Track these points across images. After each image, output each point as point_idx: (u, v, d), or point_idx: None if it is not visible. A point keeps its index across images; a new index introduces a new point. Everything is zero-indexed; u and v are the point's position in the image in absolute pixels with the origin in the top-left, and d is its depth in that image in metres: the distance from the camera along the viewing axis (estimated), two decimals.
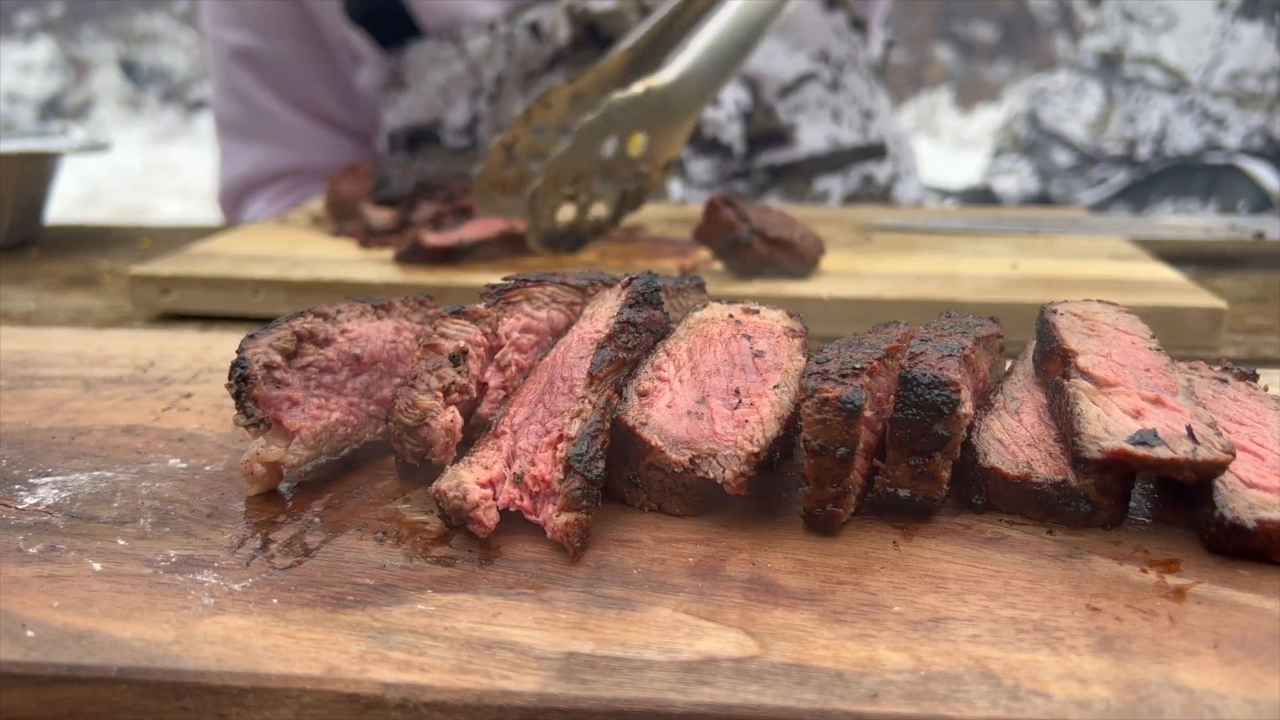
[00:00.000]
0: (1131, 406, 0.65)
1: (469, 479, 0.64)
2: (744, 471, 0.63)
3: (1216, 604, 0.56)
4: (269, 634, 0.54)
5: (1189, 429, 0.62)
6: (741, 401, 0.68)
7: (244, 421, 0.69)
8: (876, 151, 2.07)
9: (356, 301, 0.79)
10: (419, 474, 0.72)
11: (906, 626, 0.54)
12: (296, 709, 0.51)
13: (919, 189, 2.24)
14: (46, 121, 7.77)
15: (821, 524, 0.64)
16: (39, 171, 1.65)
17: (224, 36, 2.04)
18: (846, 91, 2.00)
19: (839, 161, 2.02)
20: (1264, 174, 3.79)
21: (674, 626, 0.54)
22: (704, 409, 0.68)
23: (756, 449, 0.64)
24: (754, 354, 0.73)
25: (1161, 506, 0.67)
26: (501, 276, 0.79)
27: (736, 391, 0.69)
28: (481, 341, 0.74)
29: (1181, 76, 3.98)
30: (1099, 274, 1.26)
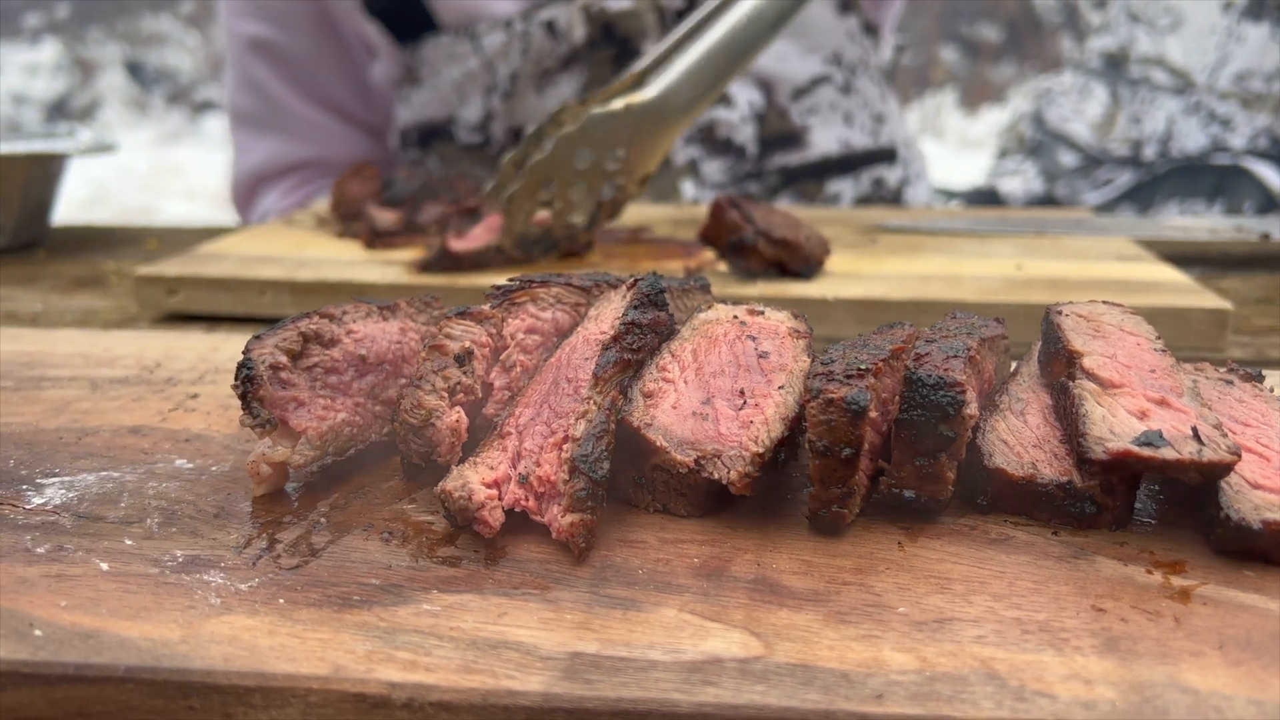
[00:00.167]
0: (1137, 408, 0.65)
1: (474, 479, 0.64)
2: (749, 472, 0.63)
3: (1222, 605, 0.56)
4: (275, 634, 0.54)
5: (1194, 430, 0.62)
6: (746, 402, 0.68)
7: (250, 422, 0.69)
8: (887, 155, 2.07)
9: (362, 302, 0.80)
10: (424, 474, 0.72)
11: (911, 627, 0.54)
12: (303, 708, 0.51)
13: (929, 193, 2.24)
14: (53, 123, 7.80)
15: (826, 525, 0.64)
16: (46, 173, 1.65)
17: (240, 28, 2.05)
18: (858, 95, 2.01)
19: (850, 164, 2.02)
20: (1270, 175, 3.78)
21: (679, 627, 0.55)
22: (709, 410, 0.68)
23: (761, 450, 0.64)
24: (759, 355, 0.73)
25: (1167, 508, 0.67)
26: (507, 278, 0.80)
27: (741, 392, 0.69)
28: (487, 342, 0.74)
29: (1187, 77, 3.97)
30: (1104, 275, 1.26)
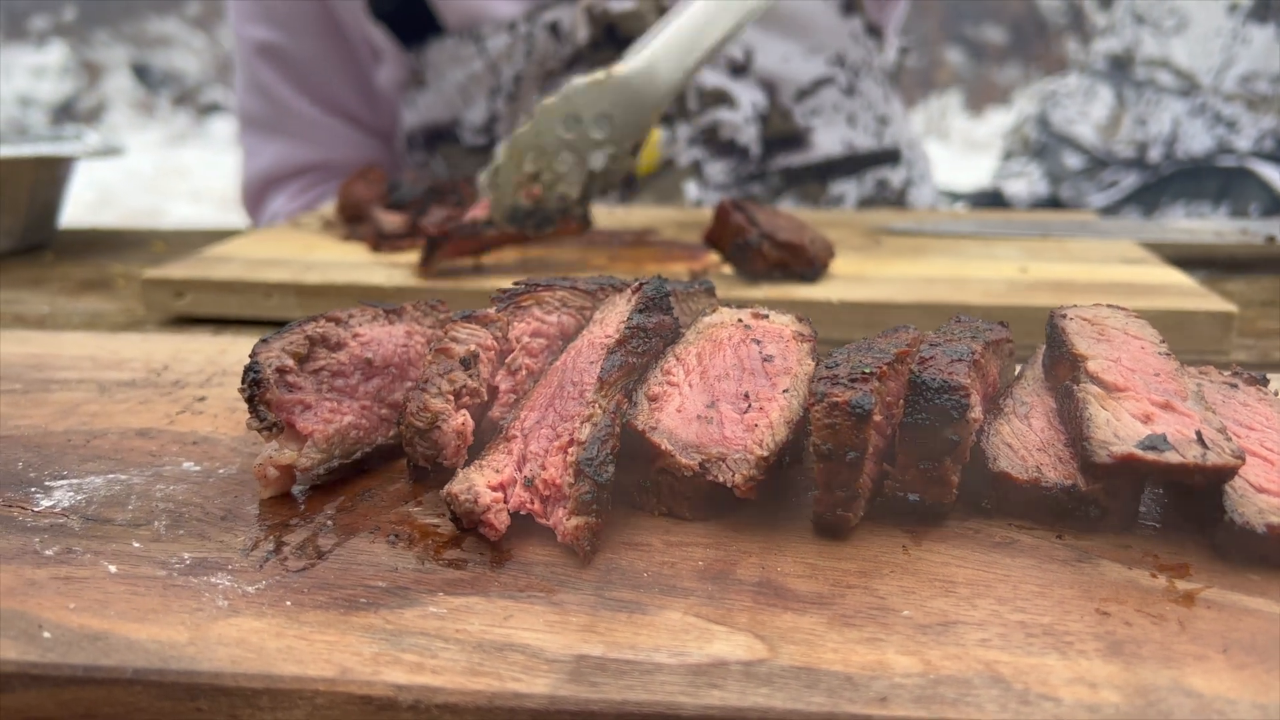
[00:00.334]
0: (1141, 411, 0.65)
1: (480, 482, 0.65)
2: (753, 475, 0.63)
3: (1226, 609, 0.56)
4: (282, 636, 0.54)
5: (1198, 434, 0.62)
6: (751, 406, 0.69)
7: (257, 425, 0.70)
8: (891, 156, 2.07)
9: (368, 306, 0.80)
10: (431, 477, 0.72)
11: (916, 630, 0.55)
12: (310, 710, 0.51)
13: (933, 194, 2.24)
14: (59, 125, 7.83)
15: (831, 528, 0.64)
16: (53, 175, 1.66)
17: (248, 33, 2.06)
18: (862, 96, 2.01)
19: (854, 165, 2.02)
20: (1276, 177, 3.77)
21: (684, 630, 0.55)
22: (713, 413, 0.68)
23: (766, 453, 0.64)
24: (763, 358, 0.73)
25: (1171, 511, 0.67)
26: (512, 281, 0.80)
27: (746, 396, 0.70)
28: (492, 345, 0.74)
29: (1193, 79, 3.97)
30: (1109, 278, 1.26)
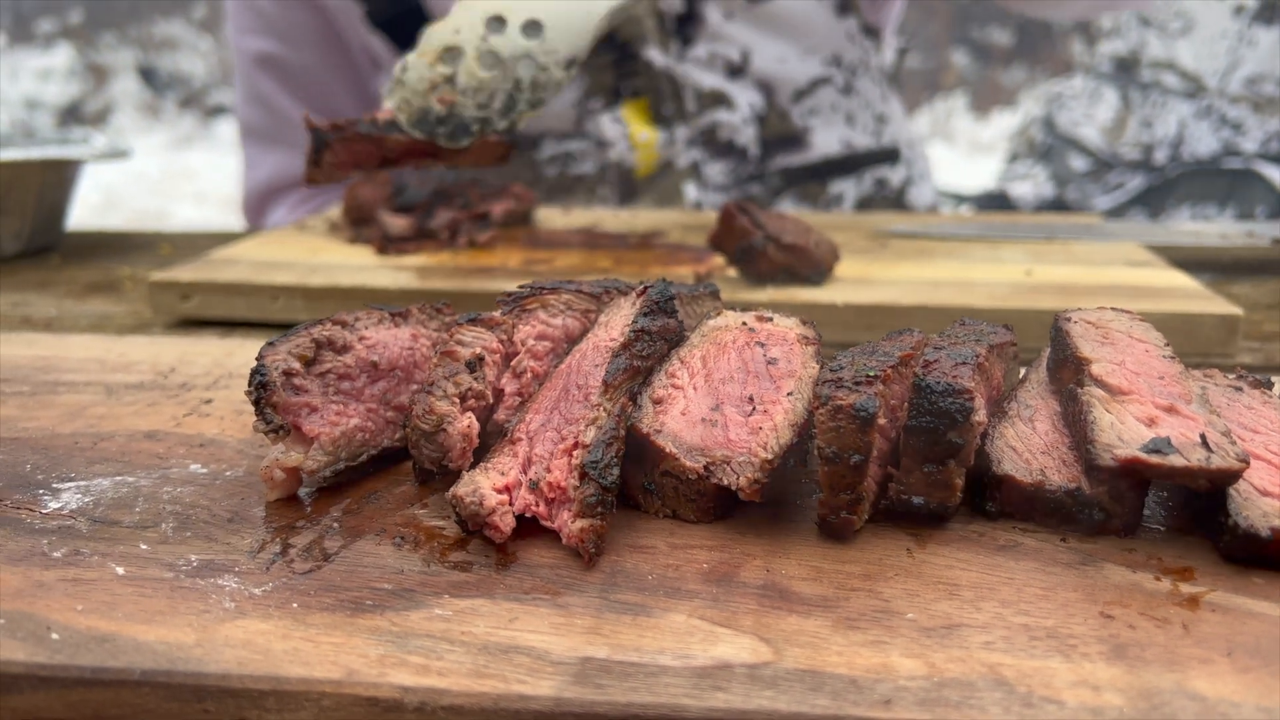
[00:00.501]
0: (1145, 414, 0.65)
1: (485, 485, 0.65)
2: (758, 478, 0.63)
3: (1230, 612, 0.57)
4: (289, 638, 0.55)
5: (1203, 437, 0.62)
6: (755, 408, 0.69)
7: (264, 428, 0.70)
8: (890, 155, 2.08)
9: (374, 309, 0.80)
10: (436, 480, 0.73)
11: (920, 633, 0.55)
12: (316, 712, 0.51)
13: (933, 193, 2.25)
14: (66, 127, 7.85)
15: (835, 531, 0.64)
16: (61, 179, 1.67)
17: (247, 44, 2.06)
18: (859, 96, 2.01)
19: (853, 165, 2.03)
20: None
21: (689, 632, 0.55)
22: (718, 416, 0.69)
23: (770, 456, 0.64)
24: (768, 361, 0.73)
25: (1175, 514, 0.67)
26: (518, 284, 0.80)
27: (750, 399, 0.70)
28: (498, 348, 0.75)
29: (1198, 81, 3.96)
30: (1114, 280, 1.25)
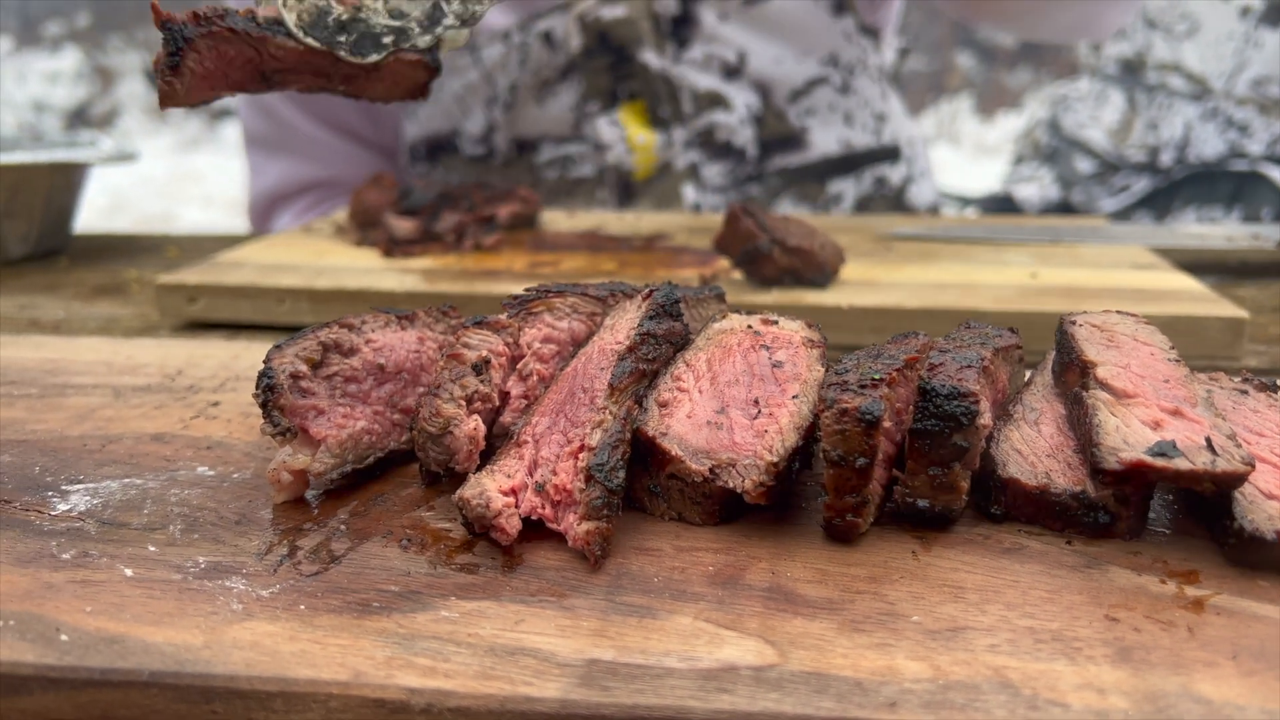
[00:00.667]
0: (1150, 418, 0.65)
1: (492, 487, 0.65)
2: (763, 481, 0.63)
3: (1235, 615, 0.57)
4: (296, 639, 0.55)
5: (1208, 440, 0.62)
6: (761, 412, 0.69)
7: (271, 430, 0.70)
8: (890, 154, 2.08)
9: (381, 312, 0.80)
10: (443, 482, 0.73)
11: (925, 636, 0.55)
12: (323, 713, 0.52)
13: (933, 191, 2.24)
14: (73, 130, 7.87)
15: (841, 533, 0.65)
16: (68, 182, 1.67)
17: None
18: (857, 95, 2.01)
19: (852, 164, 2.03)
20: None
21: (694, 634, 0.55)
22: (723, 419, 0.69)
23: (776, 459, 0.64)
24: (773, 364, 0.73)
25: (1181, 517, 0.68)
26: (524, 287, 0.80)
27: (756, 402, 0.70)
28: (504, 351, 0.75)
29: (1204, 83, 3.95)
30: (1120, 283, 1.25)
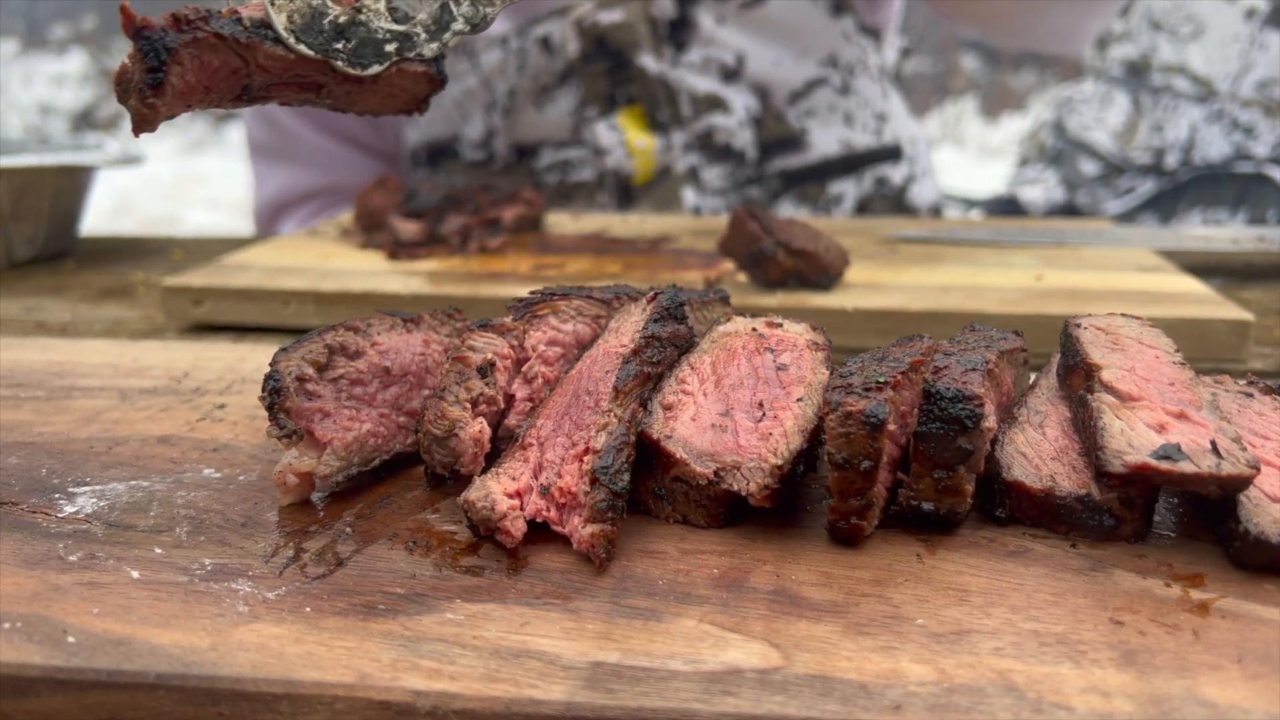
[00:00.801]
0: (1155, 421, 0.65)
1: (497, 490, 0.65)
2: (768, 484, 0.64)
3: (1241, 618, 0.57)
4: (302, 642, 0.55)
5: (1213, 443, 0.62)
6: (765, 414, 0.69)
7: (277, 433, 0.71)
8: (891, 154, 2.07)
9: (386, 314, 0.81)
10: (448, 485, 0.73)
11: (930, 639, 0.55)
12: (329, 715, 0.52)
13: (935, 191, 2.24)
14: (79, 133, 7.89)
15: (845, 536, 0.65)
16: (75, 184, 1.68)
17: None
18: (858, 95, 2.01)
19: (853, 164, 2.02)
20: None
21: (699, 637, 0.55)
22: (728, 422, 0.69)
23: (780, 461, 0.64)
24: (777, 367, 0.73)
25: (1186, 520, 0.67)
26: (529, 290, 0.81)
27: (760, 404, 0.70)
28: (509, 354, 0.75)
29: (1209, 85, 3.95)
30: (1125, 286, 1.25)
